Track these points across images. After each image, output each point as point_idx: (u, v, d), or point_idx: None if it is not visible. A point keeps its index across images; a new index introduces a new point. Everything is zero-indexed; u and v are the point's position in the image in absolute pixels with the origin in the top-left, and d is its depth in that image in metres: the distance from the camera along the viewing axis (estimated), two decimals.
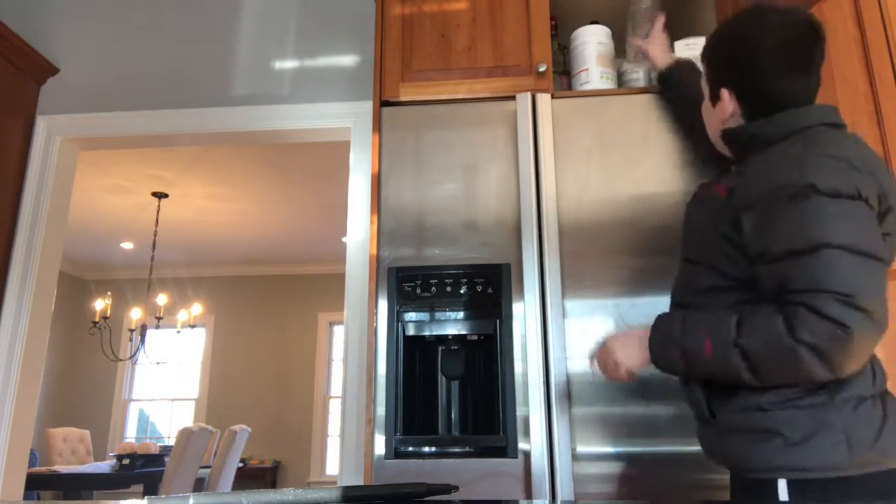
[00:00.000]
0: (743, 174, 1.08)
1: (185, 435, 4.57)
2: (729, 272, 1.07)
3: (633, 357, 1.15)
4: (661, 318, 1.13)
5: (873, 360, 1.03)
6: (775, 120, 1.09)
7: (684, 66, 1.59)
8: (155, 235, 5.47)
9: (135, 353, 5.42)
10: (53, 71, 2.62)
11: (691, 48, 1.78)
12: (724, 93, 1.16)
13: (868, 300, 0.91)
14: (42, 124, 2.56)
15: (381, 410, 1.52)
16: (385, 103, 1.78)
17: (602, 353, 1.20)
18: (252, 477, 6.59)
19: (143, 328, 5.21)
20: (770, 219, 0.99)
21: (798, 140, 1.04)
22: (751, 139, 1.12)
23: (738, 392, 1.03)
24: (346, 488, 0.66)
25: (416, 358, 1.63)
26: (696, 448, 1.43)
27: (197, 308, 5.90)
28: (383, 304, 1.59)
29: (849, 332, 0.90)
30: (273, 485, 6.74)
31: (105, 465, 4.92)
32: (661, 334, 1.10)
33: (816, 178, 0.96)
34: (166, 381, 7.32)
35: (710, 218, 1.11)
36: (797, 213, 0.96)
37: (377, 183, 1.68)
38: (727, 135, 1.17)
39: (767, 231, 0.99)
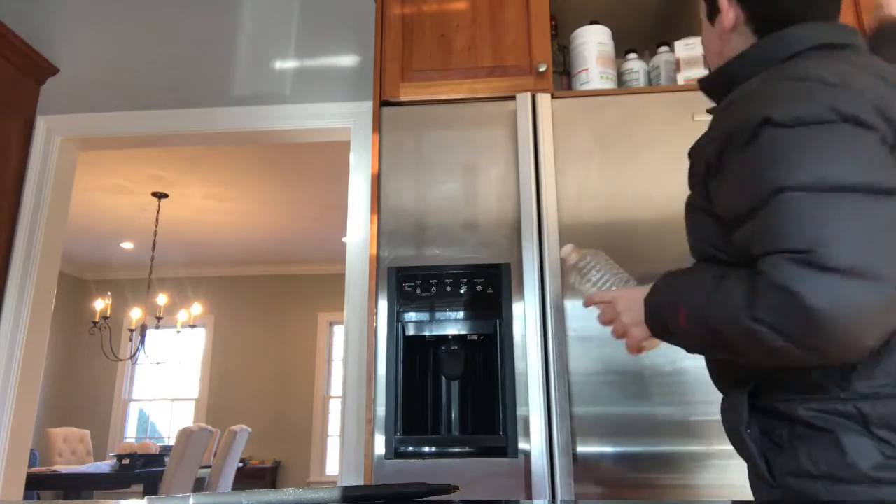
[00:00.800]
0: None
1: (185, 435, 4.57)
2: (727, 260, 0.85)
3: (641, 327, 0.91)
4: (663, 277, 0.90)
5: None
6: (752, 53, 0.87)
7: None
8: (155, 235, 5.47)
9: (135, 353, 5.41)
10: (53, 71, 2.62)
11: (691, 48, 1.78)
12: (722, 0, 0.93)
13: (839, 252, 0.66)
14: (42, 124, 2.56)
15: (381, 410, 1.52)
16: (385, 103, 1.78)
17: (608, 313, 0.96)
18: (252, 477, 6.59)
19: (143, 328, 5.21)
20: (728, 174, 0.80)
21: (780, 68, 0.83)
22: (729, 82, 0.90)
23: (805, 449, 0.77)
24: (346, 488, 0.66)
25: (416, 358, 1.64)
26: (696, 448, 1.43)
27: (197, 308, 5.90)
28: (383, 304, 1.60)
29: (801, 300, 0.66)
30: (273, 485, 6.74)
31: (105, 465, 4.92)
32: (653, 299, 0.88)
33: (771, 110, 0.75)
34: (166, 381, 7.32)
35: (690, 195, 0.92)
36: (751, 157, 0.76)
37: (377, 183, 1.68)
38: (703, 85, 0.95)
39: (728, 191, 0.80)
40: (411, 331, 1.59)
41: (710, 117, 1.64)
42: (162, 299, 5.59)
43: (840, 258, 0.66)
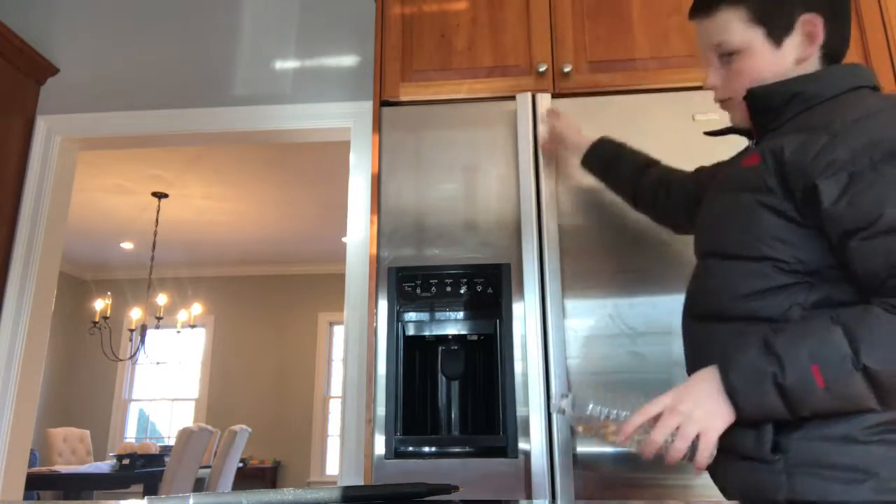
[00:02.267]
0: (786, 135, 0.88)
1: (185, 435, 4.57)
2: (790, 263, 0.85)
3: (719, 416, 0.83)
4: (731, 352, 0.85)
5: None
6: (824, 75, 0.92)
7: (606, 140, 1.46)
8: (155, 235, 5.47)
9: (135, 353, 5.41)
10: (53, 71, 2.62)
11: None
12: (815, 18, 0.92)
13: None
14: (42, 124, 2.56)
15: (381, 410, 1.52)
16: (385, 103, 1.78)
17: (670, 420, 0.84)
18: (252, 477, 6.59)
19: (143, 328, 5.21)
20: (873, 181, 0.79)
21: (854, 97, 0.88)
22: (791, 99, 0.92)
23: (811, 418, 0.81)
24: (346, 488, 0.66)
25: (416, 358, 1.63)
26: None
27: (197, 308, 5.90)
28: (383, 304, 1.59)
29: None
30: (273, 485, 6.74)
31: (105, 465, 4.92)
32: (746, 372, 0.82)
33: None
34: (166, 381, 7.33)
35: (749, 196, 0.90)
36: None
37: (377, 183, 1.68)
38: (758, 94, 0.94)
39: (870, 196, 0.78)
40: (411, 331, 1.59)
41: (709, 117, 1.64)
42: (162, 299, 5.59)
43: None
